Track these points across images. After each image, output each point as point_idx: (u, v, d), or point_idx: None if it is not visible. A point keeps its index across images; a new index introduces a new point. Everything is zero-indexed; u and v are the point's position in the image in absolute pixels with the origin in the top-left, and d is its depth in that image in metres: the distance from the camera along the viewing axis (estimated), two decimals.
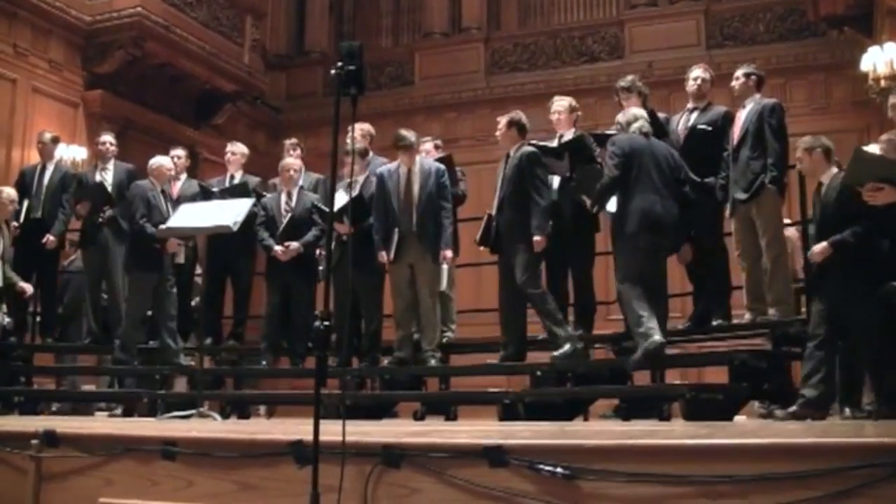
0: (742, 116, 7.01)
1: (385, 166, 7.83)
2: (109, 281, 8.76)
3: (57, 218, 8.89)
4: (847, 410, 6.19)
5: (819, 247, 5.97)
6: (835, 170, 6.13)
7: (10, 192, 8.64)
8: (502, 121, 7.39)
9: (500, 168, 7.32)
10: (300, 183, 8.42)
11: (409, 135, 7.61)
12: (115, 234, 8.74)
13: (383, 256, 7.50)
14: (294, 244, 7.99)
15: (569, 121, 7.60)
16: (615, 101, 7.75)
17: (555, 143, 7.48)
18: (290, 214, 8.17)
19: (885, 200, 5.54)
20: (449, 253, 7.50)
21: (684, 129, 7.16)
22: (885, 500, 3.02)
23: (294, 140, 9.21)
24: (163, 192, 8.46)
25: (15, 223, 8.83)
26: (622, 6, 15.86)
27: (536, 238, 6.90)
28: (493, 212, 7.23)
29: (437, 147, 8.45)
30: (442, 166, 7.71)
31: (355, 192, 7.77)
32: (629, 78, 7.70)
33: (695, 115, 7.22)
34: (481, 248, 7.47)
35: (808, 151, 6.22)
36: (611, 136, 7.14)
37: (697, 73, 7.38)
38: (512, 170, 7.11)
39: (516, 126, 7.27)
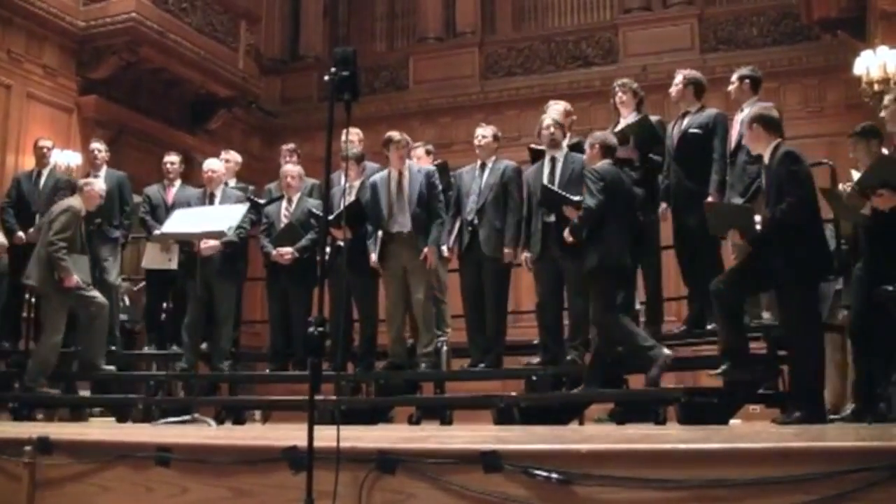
0: (738, 120, 7.00)
1: (378, 174, 7.89)
2: (102, 288, 8.72)
3: None
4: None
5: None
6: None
7: (101, 185, 8.52)
8: (488, 132, 7.70)
9: (472, 175, 7.66)
10: (300, 189, 8.38)
11: (396, 135, 7.73)
12: (104, 241, 8.72)
13: (373, 258, 7.57)
14: (287, 249, 7.97)
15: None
16: (610, 104, 7.78)
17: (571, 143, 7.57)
18: (287, 221, 8.15)
19: (886, 205, 5.55)
20: (432, 254, 7.52)
21: (678, 134, 7.16)
22: (881, 503, 3.02)
23: (292, 145, 9.20)
24: (212, 195, 8.44)
25: (21, 233, 8.83)
26: (616, 10, 15.90)
27: (507, 250, 7.32)
28: (470, 217, 7.48)
29: (428, 153, 8.45)
30: (432, 168, 7.81)
31: (352, 198, 7.80)
32: (626, 79, 7.78)
33: (686, 119, 7.22)
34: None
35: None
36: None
37: (674, 81, 7.41)
38: (496, 179, 7.48)
39: (499, 140, 7.79)
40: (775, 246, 5.72)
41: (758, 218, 5.88)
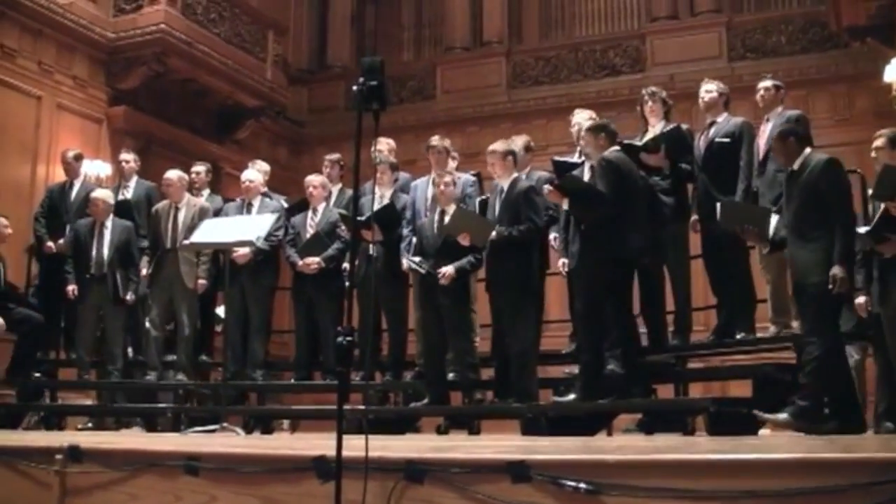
0: (767, 129, 6.97)
1: (421, 178, 7.96)
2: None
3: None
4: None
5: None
6: None
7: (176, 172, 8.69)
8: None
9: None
10: (325, 199, 8.33)
11: (435, 139, 7.85)
12: None
13: (405, 263, 7.51)
14: (313, 259, 7.99)
15: None
16: (636, 113, 7.74)
17: (576, 157, 7.52)
18: (313, 231, 8.16)
19: None
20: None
21: (704, 144, 7.13)
22: None
23: (335, 157, 8.85)
24: (249, 204, 8.46)
25: (50, 243, 8.89)
26: (643, 19, 15.87)
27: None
28: None
29: (453, 159, 8.37)
30: (472, 177, 7.80)
31: (386, 201, 7.81)
32: (655, 87, 7.73)
33: (713, 129, 7.18)
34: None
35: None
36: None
37: (706, 87, 7.37)
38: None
39: (531, 150, 7.72)
40: None
41: (773, 220, 5.85)
